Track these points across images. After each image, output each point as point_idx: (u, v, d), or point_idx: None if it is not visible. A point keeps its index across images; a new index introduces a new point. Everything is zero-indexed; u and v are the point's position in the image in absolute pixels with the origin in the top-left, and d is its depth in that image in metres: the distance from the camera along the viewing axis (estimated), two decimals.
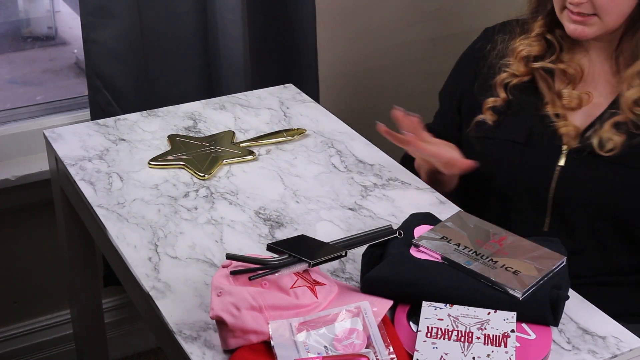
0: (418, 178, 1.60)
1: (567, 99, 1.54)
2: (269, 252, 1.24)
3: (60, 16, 2.39)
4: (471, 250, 1.25)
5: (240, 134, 1.75)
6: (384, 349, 1.13)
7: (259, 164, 1.65)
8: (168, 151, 1.67)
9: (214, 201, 1.52)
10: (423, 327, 1.15)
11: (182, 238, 1.42)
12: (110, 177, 1.59)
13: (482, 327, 1.14)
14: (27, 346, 2.29)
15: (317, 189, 1.56)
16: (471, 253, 1.24)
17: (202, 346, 1.18)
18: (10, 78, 2.30)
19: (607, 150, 1.48)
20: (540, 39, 1.57)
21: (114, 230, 1.44)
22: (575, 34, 1.50)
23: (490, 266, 1.21)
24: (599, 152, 1.49)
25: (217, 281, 1.20)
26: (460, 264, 1.21)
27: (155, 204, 1.51)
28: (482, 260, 1.22)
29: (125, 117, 1.82)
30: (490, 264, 1.22)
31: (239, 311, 1.15)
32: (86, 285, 1.92)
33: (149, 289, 1.30)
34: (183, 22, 2.02)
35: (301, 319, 1.16)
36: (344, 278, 1.32)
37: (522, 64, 1.58)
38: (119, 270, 1.46)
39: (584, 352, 1.16)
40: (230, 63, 2.04)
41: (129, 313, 2.35)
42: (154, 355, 2.43)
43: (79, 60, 2.32)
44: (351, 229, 1.45)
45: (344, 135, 1.75)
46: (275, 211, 1.50)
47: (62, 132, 1.75)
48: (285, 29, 2.14)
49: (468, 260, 1.22)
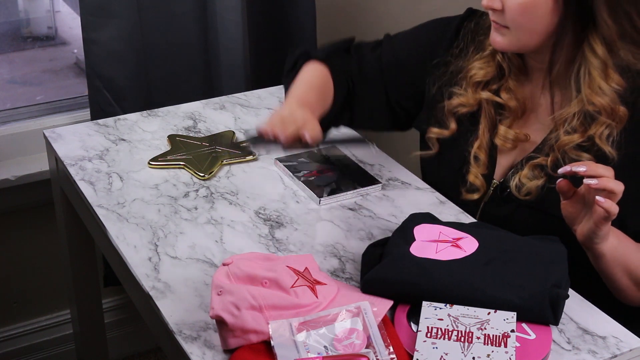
0: (418, 178, 1.60)
1: (501, 139, 1.47)
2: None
3: (60, 16, 2.39)
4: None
5: (240, 134, 1.75)
6: (384, 349, 1.13)
7: (259, 164, 1.65)
8: (168, 151, 1.67)
9: (214, 201, 1.52)
10: (423, 327, 1.15)
11: (182, 238, 1.42)
12: (110, 177, 1.59)
13: (482, 327, 1.14)
14: (27, 346, 2.29)
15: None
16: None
17: (202, 346, 1.19)
18: (10, 78, 2.30)
19: (524, 195, 1.44)
20: (492, 59, 1.49)
21: (114, 230, 1.44)
22: (492, 43, 1.43)
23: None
24: (516, 194, 1.45)
25: (217, 280, 1.20)
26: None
27: (155, 204, 1.51)
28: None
29: (125, 117, 1.82)
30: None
31: (239, 311, 1.15)
32: (86, 285, 1.92)
33: (149, 289, 1.30)
34: (183, 22, 2.02)
35: (301, 318, 1.16)
36: (344, 278, 1.32)
37: (472, 91, 1.50)
38: (119, 270, 1.46)
39: (584, 352, 1.16)
40: (230, 63, 2.04)
41: (129, 313, 2.35)
42: (154, 355, 2.44)
43: (79, 60, 2.32)
44: (351, 229, 1.45)
45: (344, 136, 1.75)
46: (275, 211, 1.50)
47: (62, 132, 1.75)
48: (285, 29, 2.14)
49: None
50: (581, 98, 1.40)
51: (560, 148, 1.41)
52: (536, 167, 1.44)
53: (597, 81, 1.38)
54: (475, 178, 1.49)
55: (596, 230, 1.28)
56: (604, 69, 1.38)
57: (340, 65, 1.63)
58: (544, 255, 1.25)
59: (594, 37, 1.37)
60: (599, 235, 1.29)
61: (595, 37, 1.37)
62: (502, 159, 1.50)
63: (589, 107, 1.39)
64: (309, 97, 1.52)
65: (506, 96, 1.48)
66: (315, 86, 1.57)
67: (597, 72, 1.38)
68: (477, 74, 1.50)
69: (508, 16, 1.38)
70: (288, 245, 1.40)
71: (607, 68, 1.38)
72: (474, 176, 1.49)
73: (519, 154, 1.48)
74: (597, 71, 1.38)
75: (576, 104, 1.41)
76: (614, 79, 1.38)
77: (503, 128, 1.48)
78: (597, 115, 1.39)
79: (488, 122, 1.50)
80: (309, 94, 1.53)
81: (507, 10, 1.37)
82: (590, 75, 1.38)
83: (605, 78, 1.38)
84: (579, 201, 1.30)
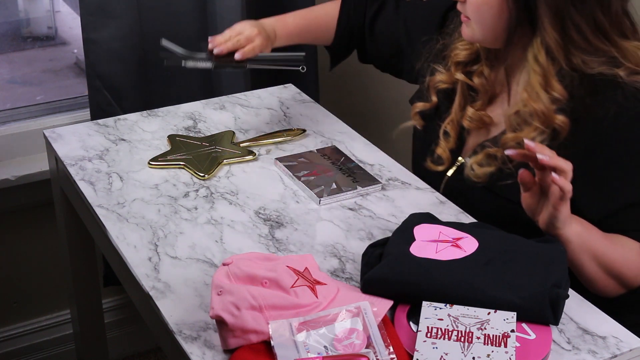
0: (418, 178, 1.60)
1: (467, 120, 1.54)
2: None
3: (60, 16, 2.39)
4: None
5: (240, 134, 1.75)
6: (384, 349, 1.13)
7: (259, 164, 1.65)
8: (168, 151, 1.67)
9: (214, 201, 1.52)
10: (423, 327, 1.15)
11: (182, 238, 1.42)
12: (110, 177, 1.59)
13: (482, 327, 1.14)
14: (27, 346, 2.29)
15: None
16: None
17: (202, 346, 1.19)
18: (10, 78, 2.30)
19: (474, 178, 1.50)
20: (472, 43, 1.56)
21: (114, 230, 1.44)
22: (462, 33, 1.51)
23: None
24: (470, 177, 1.51)
25: (217, 280, 1.20)
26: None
27: (155, 204, 1.51)
28: None
29: (125, 117, 1.82)
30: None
31: (239, 311, 1.15)
32: (86, 285, 1.92)
33: (149, 289, 1.30)
34: (183, 22, 2.02)
35: (301, 319, 1.16)
36: (344, 278, 1.32)
37: (453, 70, 1.57)
38: (119, 270, 1.46)
39: (584, 352, 1.16)
40: None
41: (129, 313, 2.35)
42: (154, 355, 2.44)
43: (79, 60, 2.33)
44: (351, 229, 1.45)
45: (344, 135, 1.75)
46: (275, 211, 1.50)
47: (62, 132, 1.75)
48: None
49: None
50: (520, 98, 1.45)
51: (503, 144, 1.46)
52: (490, 156, 1.49)
53: (535, 87, 1.42)
54: (442, 152, 1.57)
55: (556, 214, 1.28)
56: (544, 76, 1.42)
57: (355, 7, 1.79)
58: (544, 255, 1.25)
59: (538, 44, 1.41)
60: (560, 219, 1.29)
61: (540, 44, 1.41)
62: (471, 138, 1.56)
63: (525, 110, 1.43)
64: (288, 23, 1.75)
65: (478, 80, 1.54)
66: (308, 17, 1.79)
67: (537, 79, 1.42)
68: (459, 54, 1.57)
69: (468, 9, 1.46)
70: (288, 245, 1.40)
71: (548, 76, 1.41)
72: (441, 149, 1.57)
73: (485, 137, 1.54)
74: (537, 77, 1.42)
75: (515, 105, 1.46)
76: (554, 88, 1.41)
77: (471, 110, 1.54)
78: (530, 120, 1.43)
79: (461, 101, 1.57)
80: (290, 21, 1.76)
81: (468, 3, 1.45)
82: (530, 80, 1.43)
83: (545, 85, 1.42)
84: (537, 192, 1.31)
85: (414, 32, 1.71)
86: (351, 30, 1.80)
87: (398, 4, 1.78)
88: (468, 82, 1.55)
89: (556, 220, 1.29)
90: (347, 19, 1.80)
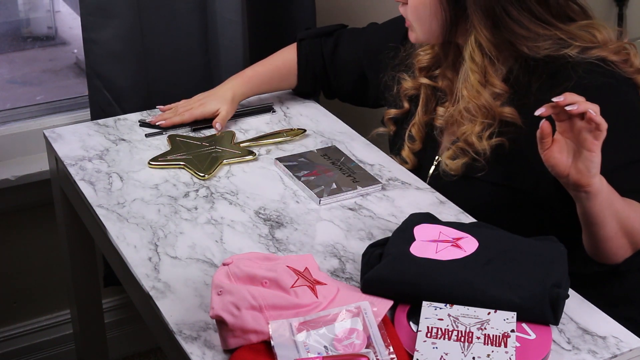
0: (418, 178, 1.60)
1: (440, 119, 1.59)
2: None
3: (60, 16, 2.38)
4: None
5: (240, 134, 1.75)
6: (384, 349, 1.13)
7: (259, 164, 1.65)
8: (168, 151, 1.67)
9: (214, 201, 1.52)
10: (423, 327, 1.15)
11: (182, 238, 1.42)
12: (110, 177, 1.59)
13: (482, 327, 1.14)
14: (27, 346, 2.29)
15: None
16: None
17: (202, 346, 1.19)
18: (10, 78, 2.30)
19: (449, 172, 1.54)
20: (433, 46, 1.61)
21: (114, 230, 1.44)
22: (409, 36, 1.57)
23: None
24: (446, 171, 1.55)
25: (217, 280, 1.20)
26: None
27: (155, 204, 1.51)
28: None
29: (125, 117, 1.82)
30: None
31: (239, 311, 1.15)
32: (86, 285, 1.93)
33: (149, 289, 1.30)
34: (183, 22, 2.02)
35: (301, 318, 1.16)
36: (344, 278, 1.32)
37: (417, 76, 1.63)
38: (119, 270, 1.46)
39: (584, 352, 1.16)
40: (230, 63, 2.04)
41: (129, 313, 2.35)
42: (154, 355, 2.44)
43: (79, 60, 2.32)
44: (351, 229, 1.45)
45: (344, 135, 1.75)
46: (275, 211, 1.50)
47: (62, 132, 1.75)
48: (285, 29, 2.14)
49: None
50: (461, 95, 1.50)
51: (462, 138, 1.52)
52: (460, 149, 1.53)
53: (475, 85, 1.48)
54: (407, 154, 1.64)
55: (591, 157, 1.27)
56: (482, 74, 1.48)
57: (310, 49, 1.85)
58: (544, 255, 1.25)
59: (472, 43, 1.47)
60: (595, 162, 1.28)
61: (474, 43, 1.47)
62: (445, 136, 1.60)
63: (467, 105, 1.49)
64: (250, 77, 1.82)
65: (442, 82, 1.59)
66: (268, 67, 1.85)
67: (475, 77, 1.48)
68: (421, 59, 1.63)
69: (408, 11, 1.52)
70: (288, 245, 1.40)
71: (487, 73, 1.48)
72: (406, 152, 1.64)
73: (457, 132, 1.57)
74: (475, 75, 1.48)
75: (462, 100, 1.51)
76: (494, 84, 1.48)
77: (441, 109, 1.59)
78: (475, 114, 1.49)
79: (426, 104, 1.62)
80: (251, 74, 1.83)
81: (408, 6, 1.51)
82: (468, 78, 1.49)
83: (485, 82, 1.48)
84: (562, 146, 1.30)
85: (375, 54, 1.76)
86: (313, 71, 1.85)
87: (353, 34, 1.84)
88: (433, 84, 1.60)
89: (592, 165, 1.27)
90: (305, 62, 1.85)
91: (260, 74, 1.84)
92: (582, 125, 1.26)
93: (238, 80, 1.81)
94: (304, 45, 1.85)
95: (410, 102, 1.66)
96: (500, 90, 1.48)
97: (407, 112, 1.67)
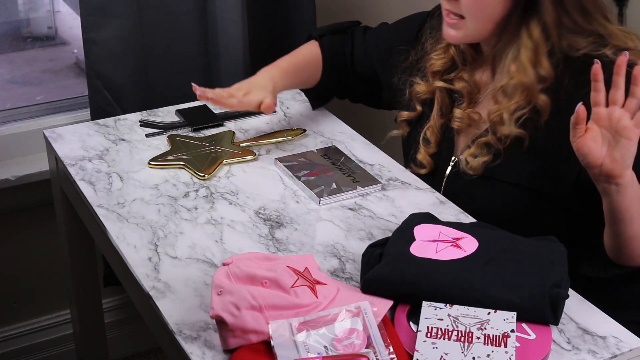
0: (418, 178, 1.60)
1: (457, 121, 1.56)
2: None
3: (60, 16, 2.38)
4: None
5: (240, 134, 1.75)
6: (384, 349, 1.13)
7: (259, 164, 1.65)
8: (168, 151, 1.67)
9: (214, 201, 1.52)
10: (423, 327, 1.15)
11: (182, 238, 1.42)
12: (110, 177, 1.60)
13: (482, 327, 1.14)
14: (27, 346, 2.29)
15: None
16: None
17: (202, 346, 1.19)
18: (10, 78, 2.30)
19: (470, 171, 1.52)
20: (447, 51, 1.59)
21: (114, 230, 1.44)
22: (446, 37, 1.52)
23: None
24: (464, 171, 1.53)
25: (217, 280, 1.20)
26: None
27: (155, 204, 1.51)
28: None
29: (125, 117, 1.82)
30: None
31: (239, 311, 1.15)
32: (86, 285, 1.93)
33: (149, 289, 1.30)
34: (183, 22, 2.02)
35: (301, 318, 1.16)
36: (344, 278, 1.32)
37: (430, 80, 1.61)
38: (119, 270, 1.46)
39: (584, 352, 1.16)
40: (230, 63, 2.04)
41: (129, 313, 2.35)
42: (154, 355, 2.44)
43: (79, 60, 2.32)
44: (351, 229, 1.45)
45: (344, 135, 1.75)
46: (275, 211, 1.50)
47: (62, 132, 1.75)
48: (285, 29, 2.14)
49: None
50: (507, 71, 1.48)
51: (491, 118, 1.49)
52: (483, 145, 1.51)
53: (523, 61, 1.46)
54: (422, 157, 1.61)
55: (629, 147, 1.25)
56: (534, 51, 1.45)
57: (332, 44, 1.80)
58: (544, 255, 1.25)
59: (534, 21, 1.45)
60: (631, 153, 1.26)
61: (535, 21, 1.44)
62: (462, 138, 1.59)
63: (510, 82, 1.47)
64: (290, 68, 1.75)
65: (460, 84, 1.57)
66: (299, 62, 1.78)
67: (527, 53, 1.46)
68: (434, 64, 1.61)
69: (463, 5, 1.45)
70: (288, 245, 1.40)
71: (539, 53, 1.45)
72: (421, 155, 1.62)
73: (475, 133, 1.56)
74: (527, 52, 1.46)
75: (502, 77, 1.49)
76: (543, 66, 1.45)
77: (458, 110, 1.57)
78: (513, 93, 1.46)
79: (441, 108, 1.60)
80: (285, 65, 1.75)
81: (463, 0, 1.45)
82: (519, 54, 1.46)
83: (534, 61, 1.45)
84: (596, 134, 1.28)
85: (386, 55, 1.74)
86: (337, 67, 1.81)
87: (366, 33, 1.82)
88: (450, 87, 1.58)
89: (628, 154, 1.26)
90: (330, 57, 1.80)
91: (294, 65, 1.77)
92: (622, 113, 1.25)
93: (275, 72, 1.72)
94: (326, 41, 1.81)
95: (422, 104, 1.64)
96: (546, 73, 1.44)
97: (419, 115, 1.65)
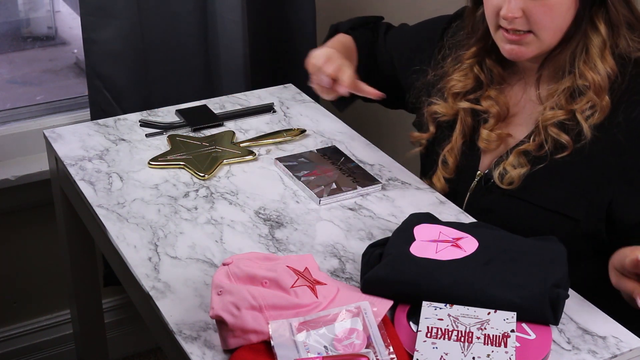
0: (418, 178, 1.60)
1: (484, 142, 1.51)
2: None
3: (60, 16, 2.39)
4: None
5: (240, 134, 1.75)
6: (384, 349, 1.13)
7: (259, 164, 1.65)
8: (168, 151, 1.67)
9: (214, 201, 1.52)
10: (423, 327, 1.15)
11: (182, 238, 1.42)
12: (110, 177, 1.60)
13: (482, 327, 1.14)
14: (27, 346, 2.29)
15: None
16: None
17: (202, 346, 1.19)
18: (10, 78, 2.30)
19: (507, 184, 1.47)
20: (470, 71, 1.54)
21: (114, 230, 1.44)
22: (512, 54, 1.45)
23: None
24: (499, 184, 1.48)
25: (217, 279, 1.20)
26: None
27: (155, 204, 1.51)
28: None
29: (125, 117, 1.82)
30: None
31: (239, 311, 1.15)
32: (86, 285, 1.92)
33: (149, 289, 1.30)
34: (183, 22, 2.02)
35: (301, 318, 1.16)
36: (344, 278, 1.32)
37: (451, 101, 1.55)
38: (119, 270, 1.46)
39: (584, 352, 1.16)
40: (230, 63, 2.04)
41: (129, 313, 2.35)
42: (154, 355, 2.44)
43: (79, 60, 2.32)
44: (351, 229, 1.45)
45: (344, 135, 1.75)
46: (275, 211, 1.50)
47: (62, 132, 1.75)
48: (285, 29, 2.14)
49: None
50: (574, 73, 1.43)
51: (543, 123, 1.44)
52: (521, 154, 1.47)
53: (593, 58, 1.42)
54: (437, 181, 1.57)
55: None
56: (602, 48, 1.42)
57: (363, 38, 1.79)
58: (544, 255, 1.25)
59: (599, 18, 1.42)
60: None
61: (600, 18, 1.42)
62: (487, 154, 1.54)
63: (579, 82, 1.42)
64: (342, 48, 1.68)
65: (487, 103, 1.52)
66: (344, 48, 1.71)
67: (595, 50, 1.42)
68: (455, 85, 1.55)
69: (532, 19, 1.40)
70: (288, 245, 1.40)
71: (605, 49, 1.42)
72: (436, 178, 1.57)
73: (503, 149, 1.52)
74: (595, 49, 1.42)
75: (567, 80, 1.44)
76: (608, 62, 1.42)
77: (485, 132, 1.52)
78: (585, 90, 1.42)
79: (463, 129, 1.55)
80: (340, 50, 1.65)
81: (530, 14, 1.40)
82: (588, 51, 1.43)
83: (602, 57, 1.42)
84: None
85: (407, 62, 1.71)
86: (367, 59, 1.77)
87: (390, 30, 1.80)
88: (476, 107, 1.53)
89: None
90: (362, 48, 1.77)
91: (344, 46, 1.72)
92: None
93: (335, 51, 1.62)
94: (358, 35, 1.78)
95: (437, 126, 1.59)
96: (610, 69, 1.42)
97: (432, 135, 1.60)
